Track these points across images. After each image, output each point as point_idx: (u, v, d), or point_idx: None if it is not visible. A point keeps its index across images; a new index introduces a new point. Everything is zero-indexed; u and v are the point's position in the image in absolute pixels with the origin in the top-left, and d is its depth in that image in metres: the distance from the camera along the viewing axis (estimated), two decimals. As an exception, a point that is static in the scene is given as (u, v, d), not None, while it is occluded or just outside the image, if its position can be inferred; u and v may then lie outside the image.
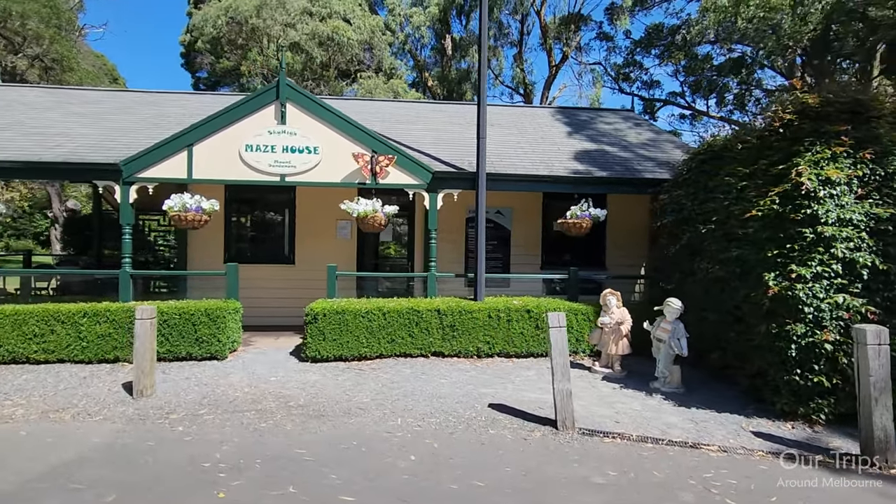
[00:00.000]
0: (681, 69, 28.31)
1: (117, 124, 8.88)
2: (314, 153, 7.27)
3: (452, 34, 24.06)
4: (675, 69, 28.29)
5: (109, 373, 6.04)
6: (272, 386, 5.67)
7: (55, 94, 10.74)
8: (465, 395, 5.37)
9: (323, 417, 4.71)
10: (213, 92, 14.91)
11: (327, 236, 9.20)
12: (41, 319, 6.30)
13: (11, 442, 4.12)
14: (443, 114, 10.75)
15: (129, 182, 7.07)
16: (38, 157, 7.11)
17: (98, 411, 4.83)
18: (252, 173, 7.24)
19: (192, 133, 7.14)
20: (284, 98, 7.19)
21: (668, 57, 27.36)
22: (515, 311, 6.84)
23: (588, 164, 8.13)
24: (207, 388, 5.53)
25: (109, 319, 6.38)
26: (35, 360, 6.29)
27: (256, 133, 7.21)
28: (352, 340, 6.59)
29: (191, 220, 6.95)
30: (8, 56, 17.30)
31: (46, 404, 5.01)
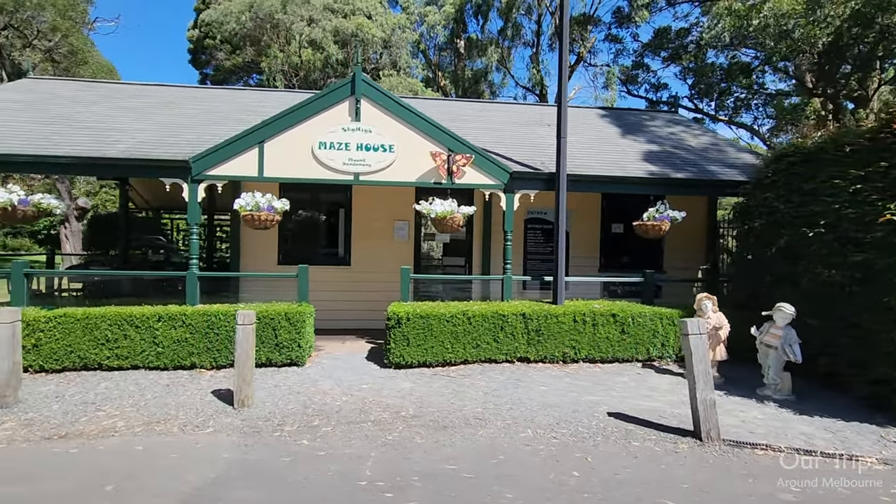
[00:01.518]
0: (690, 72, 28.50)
1: (168, 119, 8.54)
2: (389, 151, 7.03)
3: (469, 34, 23.87)
4: (684, 72, 28.49)
5: (190, 380, 5.75)
6: (367, 394, 5.43)
7: (94, 87, 10.34)
8: (574, 404, 5.18)
9: (447, 429, 4.49)
10: (259, 88, 14.50)
11: (384, 237, 8.96)
12: (114, 324, 5.99)
13: (134, 458, 3.83)
14: (498, 113, 10.55)
15: (198, 180, 6.77)
16: (100, 153, 6.78)
17: (204, 423, 4.55)
18: (325, 172, 6.98)
19: (263, 129, 6.87)
20: (360, 94, 6.94)
21: (678, 59, 27.54)
22: (600, 315, 6.68)
23: (661, 166, 8.01)
24: (303, 397, 5.27)
25: (186, 324, 6.08)
26: (108, 366, 5.98)
27: (330, 130, 6.96)
28: (436, 346, 6.37)
29: (264, 220, 6.68)
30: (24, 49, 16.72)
31: (143, 415, 4.72)
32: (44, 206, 6.64)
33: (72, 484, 3.42)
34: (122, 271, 8.69)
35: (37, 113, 8.26)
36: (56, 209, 6.79)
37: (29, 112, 8.28)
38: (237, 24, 16.24)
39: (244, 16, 16.06)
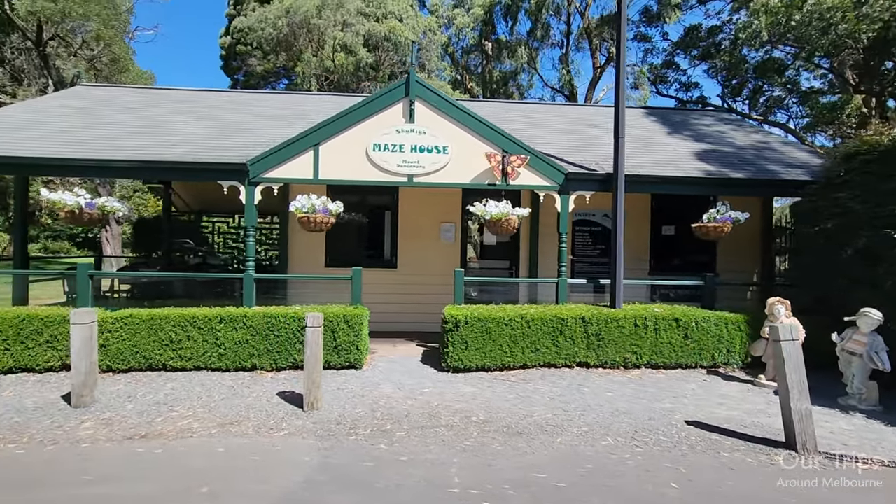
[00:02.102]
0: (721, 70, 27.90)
1: (217, 123, 8.66)
2: (443, 153, 6.97)
3: (498, 36, 23.78)
4: (715, 71, 27.88)
5: (253, 382, 5.77)
6: (431, 398, 5.35)
7: (142, 93, 10.58)
8: (647, 411, 5.01)
9: (522, 435, 4.38)
10: (302, 92, 14.65)
11: (430, 239, 8.90)
12: (177, 325, 6.05)
13: (217, 460, 3.83)
14: (543, 114, 10.41)
15: (255, 182, 6.82)
16: (160, 156, 6.89)
17: (276, 425, 4.54)
18: (379, 173, 6.96)
19: (318, 132, 6.89)
20: (414, 95, 6.91)
21: (710, 57, 26.96)
22: (662, 319, 6.48)
23: (717, 165, 7.76)
24: (368, 401, 5.23)
25: (246, 325, 6.11)
26: (172, 367, 6.04)
27: (384, 132, 6.94)
28: (495, 350, 6.27)
29: (319, 223, 6.69)
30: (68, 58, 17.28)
31: (215, 416, 4.73)
32: (107, 208, 6.78)
33: (164, 485, 3.42)
34: (180, 273, 8.86)
35: (93, 119, 8.47)
36: (119, 212, 6.93)
37: (86, 118, 8.50)
38: (274, 30, 16.49)
39: (281, 21, 16.29)
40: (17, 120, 8.18)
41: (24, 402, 5.00)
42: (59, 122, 8.19)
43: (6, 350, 5.86)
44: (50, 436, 4.24)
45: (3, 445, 4.04)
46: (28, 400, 5.07)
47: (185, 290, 9.24)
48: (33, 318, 5.92)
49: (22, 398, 5.12)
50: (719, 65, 27.58)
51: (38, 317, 5.93)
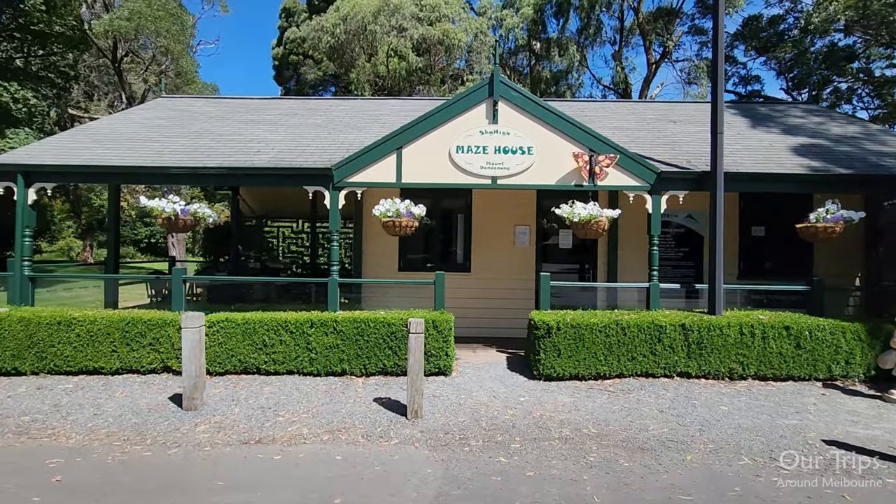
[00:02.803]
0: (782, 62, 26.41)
1: (295, 130, 8.80)
2: (528, 154, 6.78)
3: (548, 34, 23.38)
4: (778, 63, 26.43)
5: (346, 387, 5.75)
6: (530, 407, 5.16)
7: (219, 103, 10.94)
8: (772, 428, 4.63)
9: (645, 451, 4.11)
10: (373, 97, 14.83)
11: (504, 243, 8.71)
12: (270, 329, 6.12)
13: (338, 468, 3.77)
14: (618, 112, 10.04)
15: (339, 187, 6.85)
16: (249, 163, 7.04)
17: (384, 433, 4.46)
18: (462, 176, 6.85)
19: (401, 135, 6.85)
20: (498, 95, 6.76)
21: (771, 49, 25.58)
22: (770, 327, 6.03)
23: (820, 161, 7.20)
24: (466, 409, 5.09)
25: (337, 330, 6.11)
26: (265, 371, 6.12)
27: (467, 133, 6.82)
28: (589, 357, 6.00)
29: (404, 227, 6.63)
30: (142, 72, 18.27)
31: (320, 422, 4.71)
32: (199, 214, 6.98)
33: (297, 494, 3.38)
34: (268, 277, 9.10)
35: (181, 129, 8.79)
36: (209, 218, 7.12)
37: (174, 128, 8.83)
38: (331, 37, 16.82)
39: (338, 28, 16.61)
40: (111, 131, 8.60)
41: (138, 403, 5.16)
42: (150, 132, 8.55)
43: (113, 352, 6.10)
44: (170, 438, 4.33)
45: (129, 447, 4.15)
46: (140, 401, 5.23)
47: (256, 293, 9.45)
48: (137, 322, 6.14)
49: (134, 399, 5.29)
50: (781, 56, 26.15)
51: (141, 320, 6.15)
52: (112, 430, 4.51)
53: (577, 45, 22.32)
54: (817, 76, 24.69)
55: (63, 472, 3.67)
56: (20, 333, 6.09)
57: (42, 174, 6.99)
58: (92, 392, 5.53)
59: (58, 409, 5.02)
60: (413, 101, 11.28)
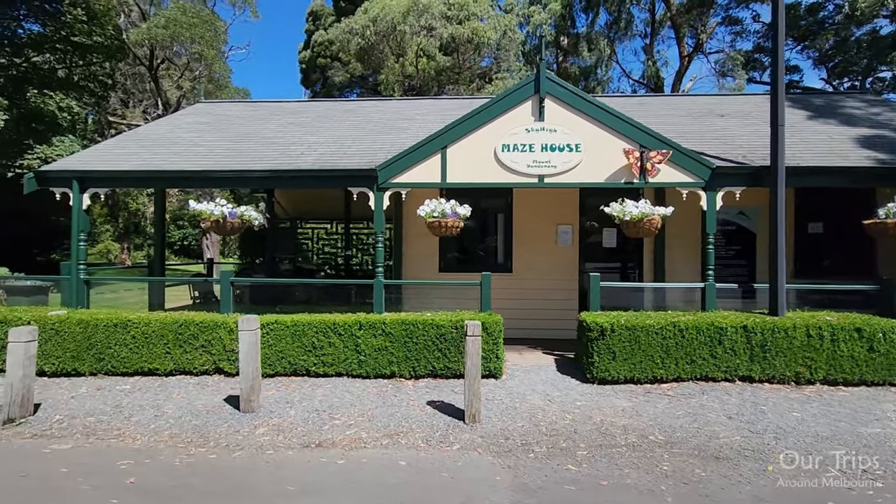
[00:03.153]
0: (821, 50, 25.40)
1: (334, 132, 8.82)
2: (575, 151, 6.61)
3: (577, 30, 23.01)
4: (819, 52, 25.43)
5: (396, 390, 5.69)
6: (588, 412, 5.00)
7: (257, 106, 11.09)
8: (855, 437, 4.36)
9: (721, 460, 3.92)
10: (406, 98, 14.82)
11: (546, 242, 8.54)
12: (319, 331, 6.12)
13: (404, 474, 3.71)
14: (662, 106, 9.75)
15: (384, 188, 6.81)
16: (293, 165, 7.07)
17: (444, 438, 4.38)
18: (508, 175, 6.72)
19: (445, 135, 6.76)
20: (544, 92, 6.60)
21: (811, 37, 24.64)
22: (840, 329, 5.71)
23: (887, 153, 6.80)
24: (523, 413, 4.96)
25: (385, 332, 6.07)
26: (315, 373, 6.12)
27: (512, 132, 6.69)
28: (645, 360, 5.80)
29: (450, 227, 6.55)
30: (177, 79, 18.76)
31: (377, 425, 4.66)
32: (245, 217, 7.04)
33: (365, 501, 3.32)
34: (314, 279, 9.22)
35: (222, 132, 8.92)
36: (255, 220, 7.18)
37: (216, 132, 8.97)
38: (362, 39, 16.94)
39: (368, 30, 16.69)
40: (156, 136, 8.78)
41: (195, 405, 5.21)
42: (193, 137, 8.70)
43: (167, 353, 6.20)
44: (232, 441, 4.34)
45: (194, 449, 4.17)
46: (197, 402, 5.28)
47: (297, 294, 9.52)
48: (189, 324, 6.22)
49: (191, 400, 5.35)
50: (821, 45, 25.17)
51: (193, 322, 6.23)
52: (174, 431, 4.55)
53: (607, 39, 21.87)
54: (860, 65, 23.65)
55: (135, 473, 3.71)
56: (79, 335, 6.24)
57: (95, 180, 7.18)
58: (149, 393, 5.62)
59: (119, 409, 5.12)
60: (447, 101, 11.21)
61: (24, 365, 4.76)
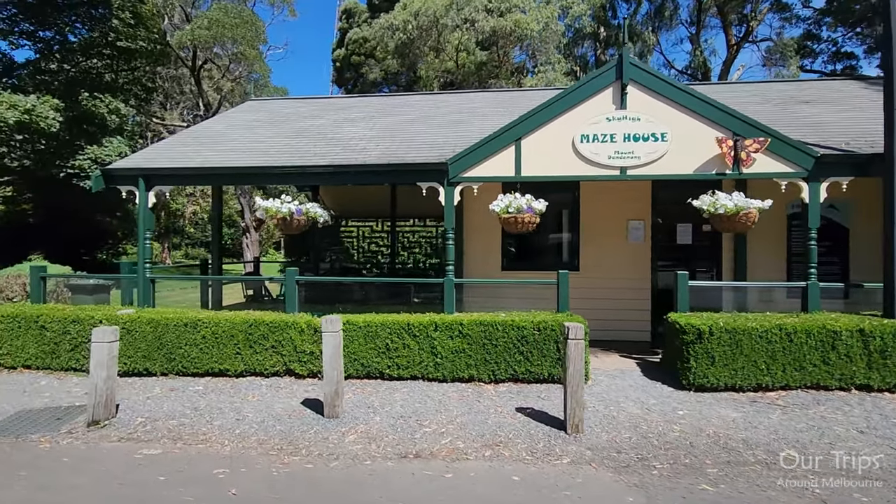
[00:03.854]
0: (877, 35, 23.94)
1: (393, 126, 8.57)
2: (661, 140, 6.17)
3: (619, 20, 22.27)
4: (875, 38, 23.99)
5: (478, 395, 5.39)
6: (697, 422, 4.58)
7: (306, 103, 10.96)
8: None
9: (879, 481, 3.46)
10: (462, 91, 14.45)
11: (616, 239, 8.10)
12: (393, 332, 5.87)
13: (523, 492, 3.39)
14: (738, 94, 9.13)
15: (454, 182, 6.50)
16: (357, 160, 6.85)
17: (549, 450, 4.05)
18: (587, 167, 6.33)
19: (519, 126, 6.42)
20: (627, 78, 6.18)
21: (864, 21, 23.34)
22: (973, 333, 5.12)
23: None
24: (623, 422, 4.59)
25: (463, 334, 5.77)
26: (389, 375, 5.87)
27: (592, 121, 6.29)
28: (748, 366, 5.33)
29: (526, 223, 6.22)
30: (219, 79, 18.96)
31: (470, 434, 4.35)
32: (311, 214, 6.86)
33: (493, 522, 3.02)
34: (384, 278, 9.05)
35: (279, 129, 8.79)
36: (320, 217, 6.99)
37: (272, 128, 8.84)
38: (403, 34, 16.72)
39: (410, 24, 16.47)
40: (213, 134, 8.71)
41: (274, 408, 5.02)
42: (250, 134, 8.60)
43: (237, 354, 6.05)
44: (323, 449, 4.10)
45: (287, 458, 3.95)
46: (275, 406, 5.09)
47: (355, 293, 9.33)
48: (259, 324, 6.05)
49: (269, 403, 5.16)
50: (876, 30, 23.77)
51: (263, 322, 6.05)
52: (261, 437, 4.35)
53: (652, 28, 21.10)
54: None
55: (234, 484, 3.50)
56: (149, 335, 6.15)
57: (160, 177, 7.11)
58: (223, 395, 5.46)
59: (199, 412, 4.96)
60: (502, 93, 10.87)
61: (108, 366, 4.64)
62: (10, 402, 5.37)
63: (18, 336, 6.41)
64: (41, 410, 5.11)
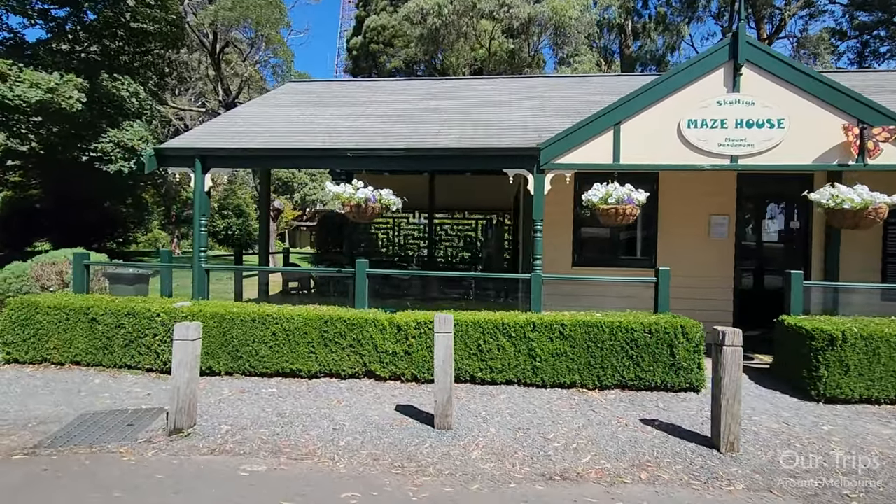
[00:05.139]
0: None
1: (459, 110, 7.99)
2: (777, 127, 5.64)
3: (649, 10, 21.69)
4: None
5: (587, 403, 4.89)
6: (853, 440, 4.09)
7: (351, 86, 10.39)
8: None
9: None
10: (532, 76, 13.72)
11: (696, 234, 7.57)
12: (485, 332, 5.34)
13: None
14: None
15: (545, 169, 5.97)
16: (435, 143, 6.31)
17: (709, 472, 3.54)
18: (693, 155, 5.81)
19: (618, 109, 5.88)
20: (743, 58, 5.64)
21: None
22: None
23: None
24: (768, 439, 4.09)
25: (564, 335, 5.25)
26: (481, 379, 5.35)
27: (701, 105, 5.76)
28: (886, 377, 4.84)
29: (627, 214, 5.69)
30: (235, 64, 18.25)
31: (608, 452, 3.85)
32: (384, 201, 6.30)
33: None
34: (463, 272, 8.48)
35: (332, 111, 8.21)
36: (393, 204, 6.43)
37: (324, 110, 8.26)
38: (437, 18, 16.04)
39: (446, 8, 15.79)
40: (263, 115, 8.12)
41: (368, 416, 4.50)
42: (303, 115, 8.02)
43: (311, 353, 5.52)
44: (452, 467, 3.59)
45: (418, 479, 3.43)
46: (369, 413, 4.57)
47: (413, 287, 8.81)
48: (335, 321, 5.52)
49: (360, 410, 4.64)
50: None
51: (339, 319, 5.52)
52: (372, 451, 3.83)
53: (687, 19, 20.51)
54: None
55: (373, 512, 2.98)
56: (213, 330, 5.61)
57: (217, 158, 6.54)
58: (304, 399, 4.94)
59: (285, 419, 4.43)
60: (563, 79, 10.31)
61: (192, 366, 4.11)
62: (67, 403, 4.83)
63: (66, 329, 5.86)
64: (106, 414, 4.57)
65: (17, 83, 11.06)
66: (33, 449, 3.86)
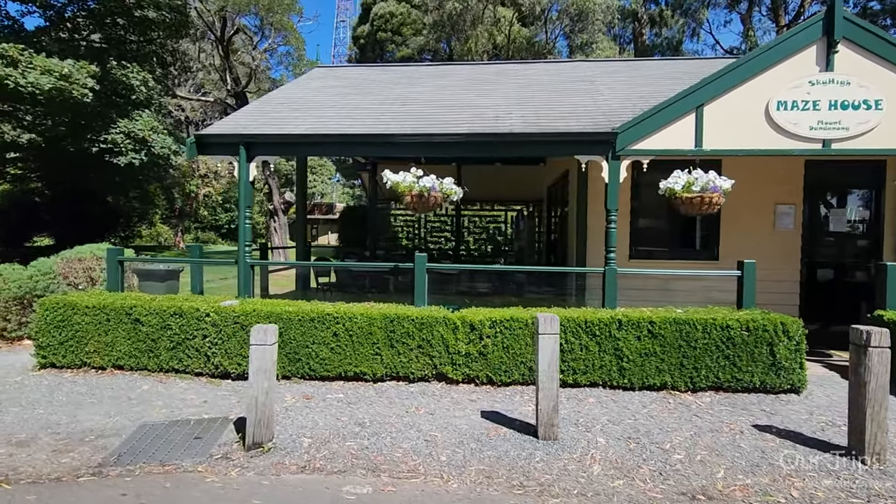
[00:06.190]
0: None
1: (509, 95, 7.54)
2: (875, 109, 5.26)
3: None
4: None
5: (685, 408, 4.53)
6: None
7: (382, 70, 9.92)
8: None
9: None
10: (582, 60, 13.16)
11: (760, 225, 7.21)
12: (567, 330, 4.95)
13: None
14: None
15: (621, 155, 5.56)
16: (504, 128, 5.88)
17: (867, 488, 3.18)
18: (783, 140, 5.42)
19: (701, 90, 5.48)
20: (839, 34, 5.23)
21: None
22: None
23: None
24: (907, 448, 3.74)
25: (653, 333, 4.88)
26: (563, 381, 4.94)
27: (792, 85, 5.36)
28: None
29: (713, 204, 5.37)
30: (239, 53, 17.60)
31: (737, 465, 3.48)
32: (446, 191, 5.88)
33: None
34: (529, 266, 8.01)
35: (374, 96, 7.75)
36: (455, 195, 6.01)
37: (364, 95, 7.80)
38: (459, 3, 15.51)
39: (468, -7, 15.30)
40: (300, 101, 7.65)
41: (458, 426, 4.11)
42: (342, 101, 7.56)
43: (376, 355, 5.12)
44: (580, 487, 3.21)
45: (548, 499, 3.05)
46: (457, 422, 4.18)
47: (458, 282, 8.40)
48: (402, 320, 5.11)
49: (446, 419, 4.25)
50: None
51: (407, 318, 5.12)
52: (480, 467, 3.44)
53: (704, 5, 20.06)
54: None
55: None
56: (269, 331, 5.17)
57: (263, 145, 6.10)
58: (377, 406, 4.54)
59: (367, 429, 4.04)
60: (611, 63, 9.88)
61: (270, 374, 3.70)
62: (120, 412, 4.41)
63: (107, 331, 5.41)
64: (167, 425, 4.16)
65: (29, 69, 10.47)
66: (99, 468, 3.45)
